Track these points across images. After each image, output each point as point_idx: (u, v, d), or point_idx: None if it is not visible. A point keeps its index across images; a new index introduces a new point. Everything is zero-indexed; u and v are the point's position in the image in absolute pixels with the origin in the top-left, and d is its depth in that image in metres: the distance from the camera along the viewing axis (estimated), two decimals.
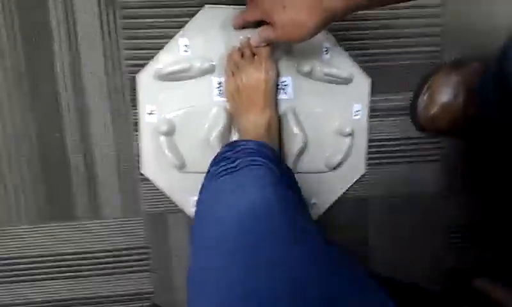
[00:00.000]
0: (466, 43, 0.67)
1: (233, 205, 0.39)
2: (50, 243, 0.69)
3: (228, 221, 0.38)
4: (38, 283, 0.71)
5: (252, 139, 0.54)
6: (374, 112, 0.69)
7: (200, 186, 0.63)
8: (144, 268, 0.71)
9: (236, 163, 0.47)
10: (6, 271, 0.70)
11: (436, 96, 0.65)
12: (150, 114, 0.65)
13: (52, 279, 0.71)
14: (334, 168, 0.69)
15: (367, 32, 0.66)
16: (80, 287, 0.71)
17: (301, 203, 0.49)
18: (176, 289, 0.72)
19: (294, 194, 0.47)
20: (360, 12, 0.51)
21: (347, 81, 0.66)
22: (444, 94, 0.65)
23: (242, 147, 0.51)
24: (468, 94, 0.63)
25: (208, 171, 0.51)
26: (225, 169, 0.47)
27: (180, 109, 0.65)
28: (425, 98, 0.66)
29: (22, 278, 0.70)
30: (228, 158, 0.50)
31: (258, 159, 0.47)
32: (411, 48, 0.67)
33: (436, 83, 0.65)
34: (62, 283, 0.71)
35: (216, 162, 0.51)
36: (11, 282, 0.70)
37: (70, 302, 0.72)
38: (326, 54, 0.65)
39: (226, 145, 0.55)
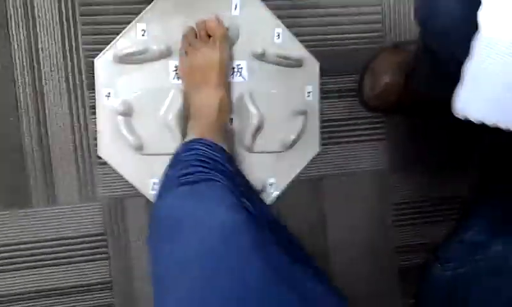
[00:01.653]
0: (404, 27, 0.74)
1: (202, 222, 0.40)
2: (3, 232, 0.67)
3: (202, 236, 0.39)
4: None
5: (202, 138, 0.57)
6: (324, 94, 0.73)
7: (157, 168, 0.64)
8: (102, 256, 0.70)
9: (192, 170, 0.49)
10: None
11: (379, 77, 0.70)
12: (107, 96, 0.66)
13: (6, 271, 0.68)
14: (290, 147, 0.72)
15: (315, 19, 0.71)
16: (35, 279, 0.69)
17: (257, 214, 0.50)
18: (136, 278, 0.71)
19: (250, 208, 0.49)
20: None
21: (298, 64, 0.70)
22: (386, 75, 0.70)
23: (196, 151, 0.53)
24: (407, 73, 0.69)
25: (166, 174, 0.53)
26: (183, 175, 0.48)
27: (138, 91, 0.67)
28: (369, 79, 0.71)
29: None
30: (185, 161, 0.52)
31: (215, 175, 0.49)
32: (355, 34, 0.73)
33: (378, 65, 0.71)
34: (16, 275, 0.68)
35: (171, 164, 0.53)
36: None
37: (25, 295, 0.69)
38: (278, 38, 0.70)
39: (181, 145, 0.57)
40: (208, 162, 0.52)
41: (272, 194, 0.73)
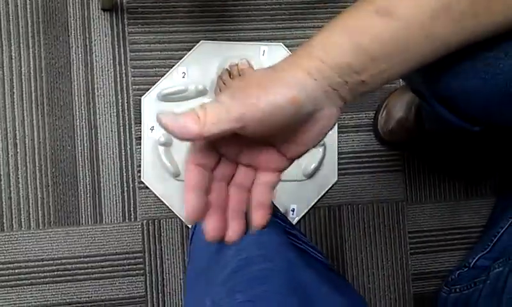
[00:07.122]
0: None
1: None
2: (51, 247, 0.76)
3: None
4: (36, 287, 0.75)
5: None
6: (342, 128, 0.81)
7: None
8: (139, 272, 0.78)
9: None
10: (7, 275, 0.75)
11: (392, 114, 0.78)
12: (151, 129, 0.76)
13: (50, 282, 0.76)
14: (310, 176, 0.79)
15: None
16: (76, 291, 0.76)
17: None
18: (167, 293, 0.78)
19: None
20: None
21: None
22: (398, 111, 0.77)
23: None
24: (418, 110, 0.76)
25: None
26: None
27: None
28: (383, 115, 0.79)
29: (22, 282, 0.75)
30: None
31: None
32: None
33: (392, 102, 0.78)
34: (59, 287, 0.76)
35: None
36: (11, 286, 0.75)
37: (64, 306, 0.76)
38: None
39: None
40: None
41: (294, 219, 0.79)
